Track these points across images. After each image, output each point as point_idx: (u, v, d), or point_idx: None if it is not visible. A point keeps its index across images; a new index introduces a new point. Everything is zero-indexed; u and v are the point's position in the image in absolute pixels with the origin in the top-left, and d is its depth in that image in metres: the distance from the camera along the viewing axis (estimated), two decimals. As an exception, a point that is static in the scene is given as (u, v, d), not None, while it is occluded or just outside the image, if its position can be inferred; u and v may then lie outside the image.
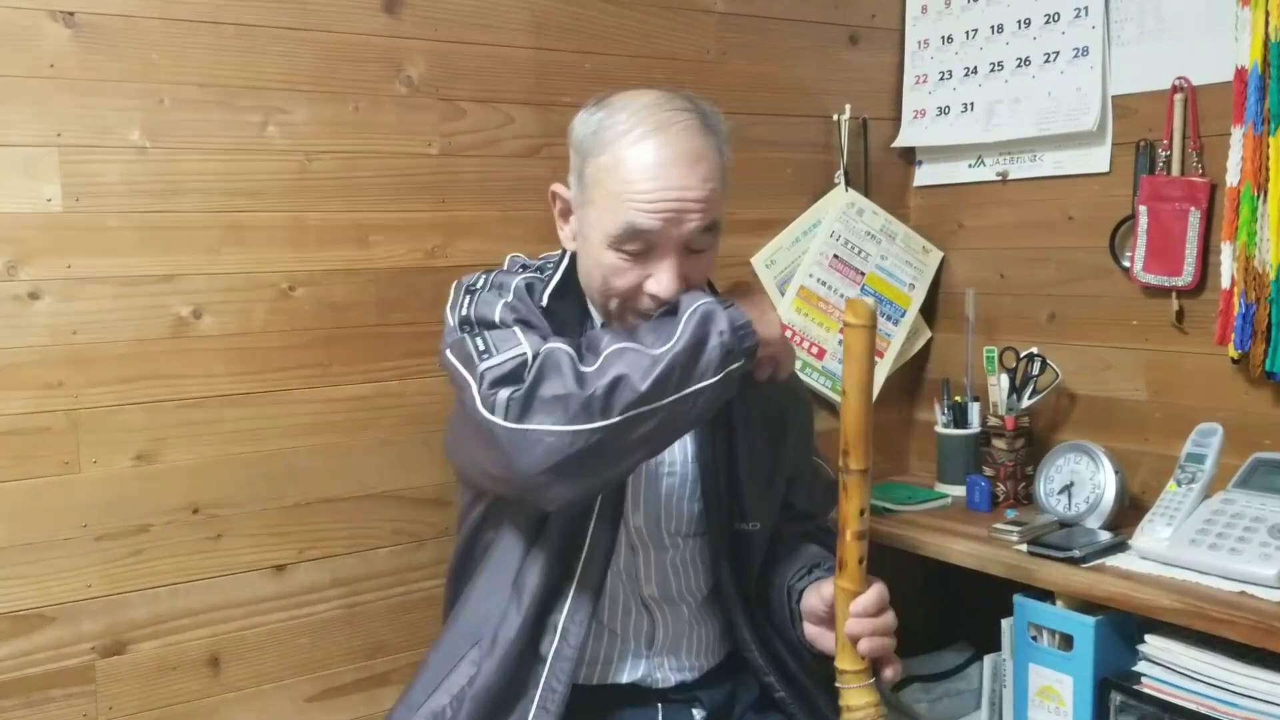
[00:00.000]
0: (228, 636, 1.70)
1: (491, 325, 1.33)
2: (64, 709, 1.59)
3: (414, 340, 1.80)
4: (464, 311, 1.37)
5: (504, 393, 1.24)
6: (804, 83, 2.19)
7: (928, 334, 2.31)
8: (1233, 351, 1.77)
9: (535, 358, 1.25)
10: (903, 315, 2.24)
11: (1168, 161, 1.88)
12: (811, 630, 1.39)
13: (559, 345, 1.26)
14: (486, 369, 1.27)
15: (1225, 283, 1.78)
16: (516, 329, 1.31)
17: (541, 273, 1.45)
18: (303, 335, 1.72)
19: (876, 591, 1.29)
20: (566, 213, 1.40)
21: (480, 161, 1.85)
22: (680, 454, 1.44)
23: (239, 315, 1.67)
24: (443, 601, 1.60)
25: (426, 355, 1.81)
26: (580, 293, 1.42)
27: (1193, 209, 1.84)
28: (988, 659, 1.81)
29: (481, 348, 1.30)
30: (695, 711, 1.47)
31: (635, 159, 1.28)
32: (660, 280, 1.30)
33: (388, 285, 1.79)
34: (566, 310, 1.39)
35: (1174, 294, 1.89)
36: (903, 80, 2.31)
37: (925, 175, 2.32)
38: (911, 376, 2.33)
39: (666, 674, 1.46)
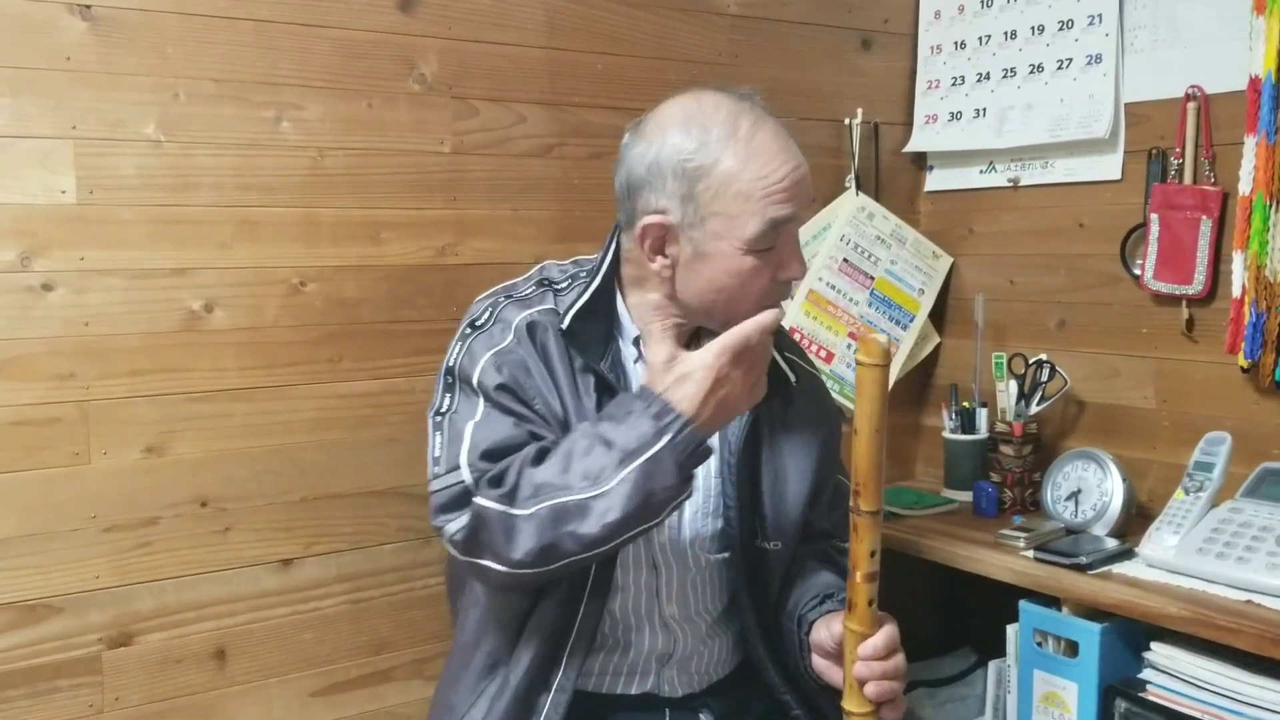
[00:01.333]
0: (233, 630, 1.70)
1: (467, 388, 1.35)
2: (70, 699, 1.59)
3: (423, 338, 1.80)
4: (452, 359, 1.39)
5: (449, 526, 1.31)
6: (816, 86, 2.19)
7: (936, 339, 2.31)
8: (1242, 360, 1.77)
9: (473, 510, 1.27)
10: (912, 320, 2.24)
11: (1180, 170, 1.88)
12: (820, 663, 1.37)
13: (490, 504, 1.25)
14: (432, 489, 1.34)
15: (1236, 292, 1.77)
16: (468, 427, 1.32)
17: (572, 284, 1.42)
18: (313, 331, 1.73)
19: (886, 635, 1.26)
20: (662, 244, 1.34)
21: (492, 160, 1.86)
22: (702, 470, 1.39)
23: (250, 310, 1.68)
24: (446, 600, 1.61)
25: (435, 353, 1.80)
26: (611, 312, 1.41)
27: (1204, 218, 1.84)
28: (992, 665, 1.80)
29: (436, 452, 1.35)
30: (702, 717, 1.46)
31: (756, 156, 1.30)
32: (794, 266, 1.35)
33: (398, 282, 1.79)
34: (591, 331, 1.37)
35: (1184, 302, 1.88)
36: (915, 85, 2.31)
37: (936, 180, 2.32)
38: (920, 382, 2.33)
39: (675, 687, 1.45)
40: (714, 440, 1.39)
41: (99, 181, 1.56)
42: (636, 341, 1.41)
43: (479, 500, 1.27)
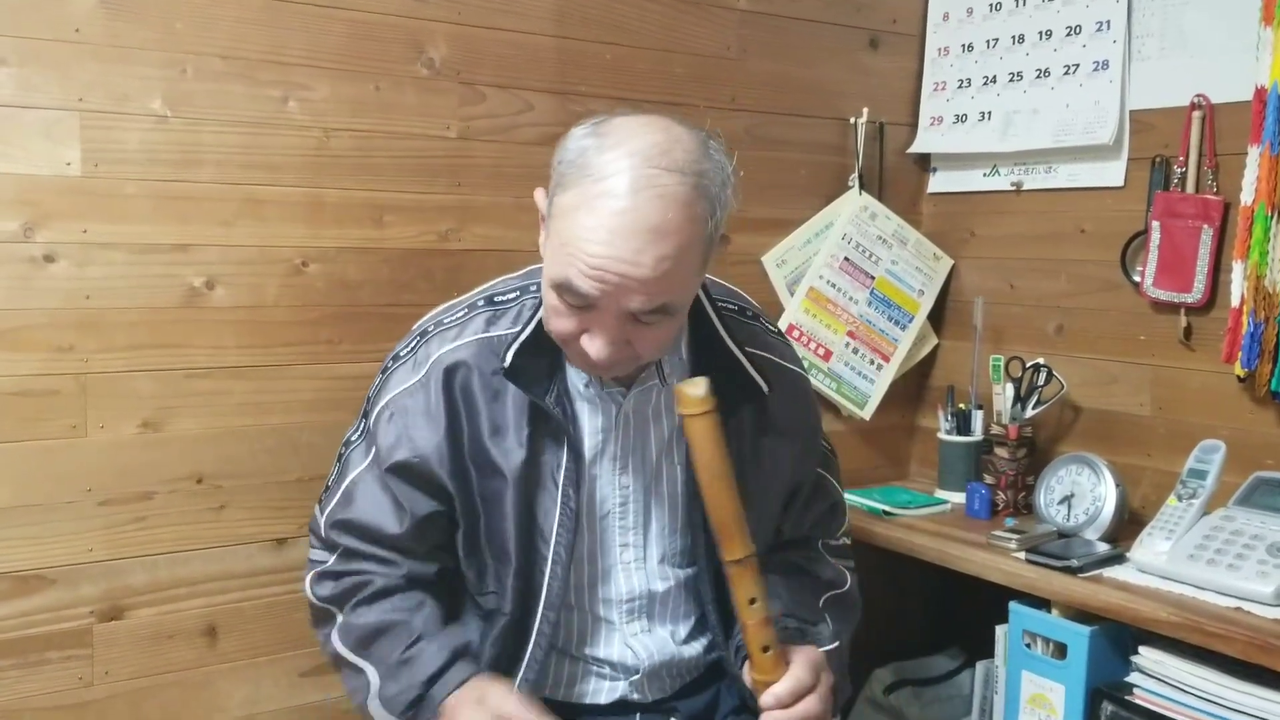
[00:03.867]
0: (225, 607, 1.71)
1: (368, 428, 1.36)
2: (60, 670, 1.60)
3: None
4: (372, 389, 1.39)
5: (310, 551, 1.41)
6: (822, 84, 2.20)
7: (934, 340, 2.32)
8: (1239, 370, 1.78)
9: (312, 573, 1.38)
10: (910, 321, 2.24)
11: (1183, 178, 1.88)
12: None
13: (314, 600, 1.37)
14: (315, 508, 1.42)
15: (1235, 301, 1.78)
16: (349, 482, 1.35)
17: (520, 298, 1.33)
18: (313, 311, 1.73)
19: (788, 683, 1.21)
20: (543, 223, 1.26)
21: (497, 147, 1.86)
22: (669, 486, 1.37)
23: (251, 288, 1.68)
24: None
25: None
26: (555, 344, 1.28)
27: (1205, 226, 1.84)
28: (980, 665, 1.81)
29: (330, 481, 1.41)
30: (674, 718, 1.43)
31: (594, 215, 1.12)
32: (594, 344, 1.17)
33: (400, 266, 1.79)
34: (535, 365, 1.28)
35: (1183, 310, 1.89)
36: (921, 86, 2.31)
37: (939, 182, 2.33)
38: (916, 383, 2.34)
39: (646, 693, 1.41)
40: (678, 456, 1.36)
41: (104, 154, 1.56)
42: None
43: (308, 585, 1.38)
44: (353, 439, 1.40)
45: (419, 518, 1.31)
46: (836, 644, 1.39)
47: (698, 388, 1.15)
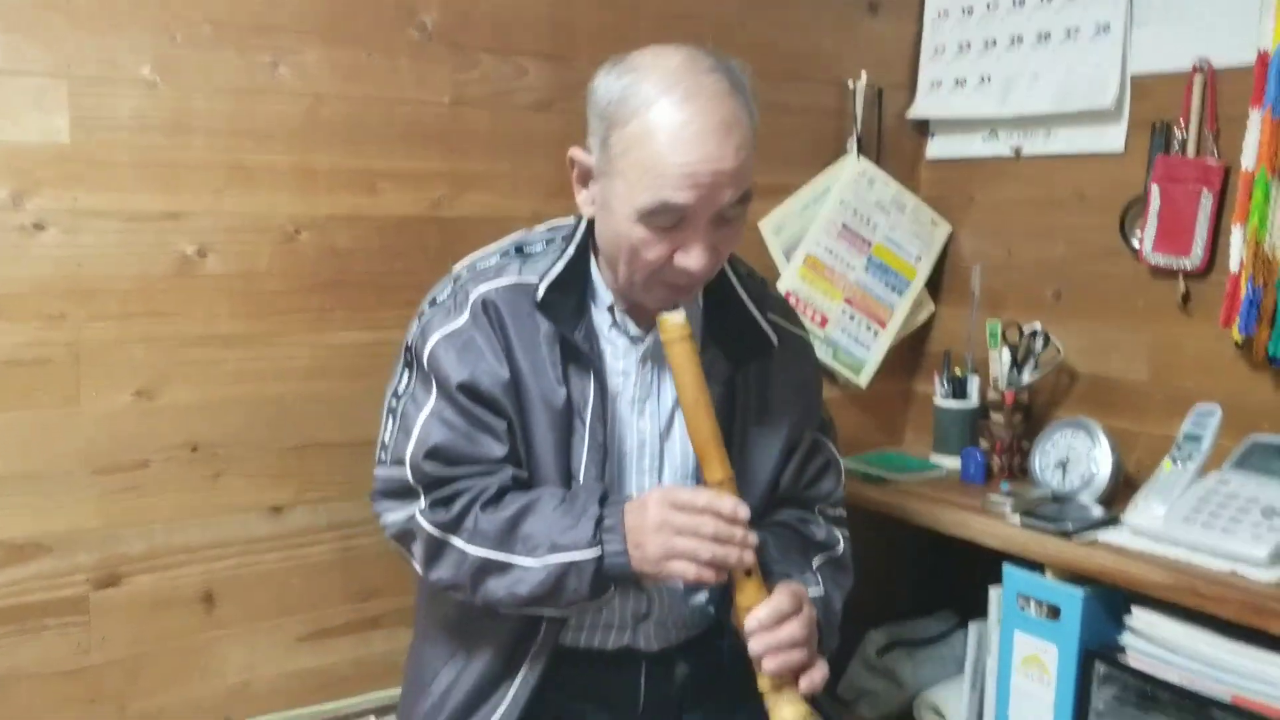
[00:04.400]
0: (222, 574, 1.71)
1: (420, 370, 1.36)
2: (58, 637, 1.60)
3: (416, 290, 1.76)
4: (410, 337, 1.39)
5: (386, 515, 1.37)
6: (821, 48, 2.18)
7: (931, 307, 2.31)
8: (1236, 335, 1.77)
9: (413, 522, 1.33)
10: (908, 287, 2.24)
11: (1183, 143, 1.87)
12: None
13: (428, 527, 1.31)
14: (377, 475, 1.38)
15: (1234, 266, 1.77)
16: (418, 422, 1.33)
17: (547, 249, 1.40)
18: (306, 279, 1.73)
19: (771, 605, 1.25)
20: (586, 178, 1.34)
21: (492, 114, 1.85)
22: (680, 441, 1.41)
23: (243, 256, 1.68)
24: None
25: (430, 305, 1.82)
26: (585, 280, 1.38)
27: (1205, 190, 1.83)
28: (973, 626, 1.81)
29: (386, 439, 1.38)
30: (679, 671, 1.47)
31: (666, 131, 1.21)
32: (692, 254, 1.25)
33: (393, 234, 1.79)
34: (565, 301, 1.35)
35: (1181, 276, 1.88)
36: (920, 50, 2.29)
37: (938, 148, 2.31)
38: (913, 349, 2.33)
39: (651, 641, 1.45)
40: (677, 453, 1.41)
41: (94, 122, 1.55)
42: (611, 309, 1.39)
43: (419, 519, 1.32)
44: (400, 390, 1.39)
45: (498, 431, 1.33)
46: (823, 593, 1.40)
47: (677, 315, 1.25)
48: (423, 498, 1.33)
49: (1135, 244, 1.95)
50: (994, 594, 1.74)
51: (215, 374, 1.68)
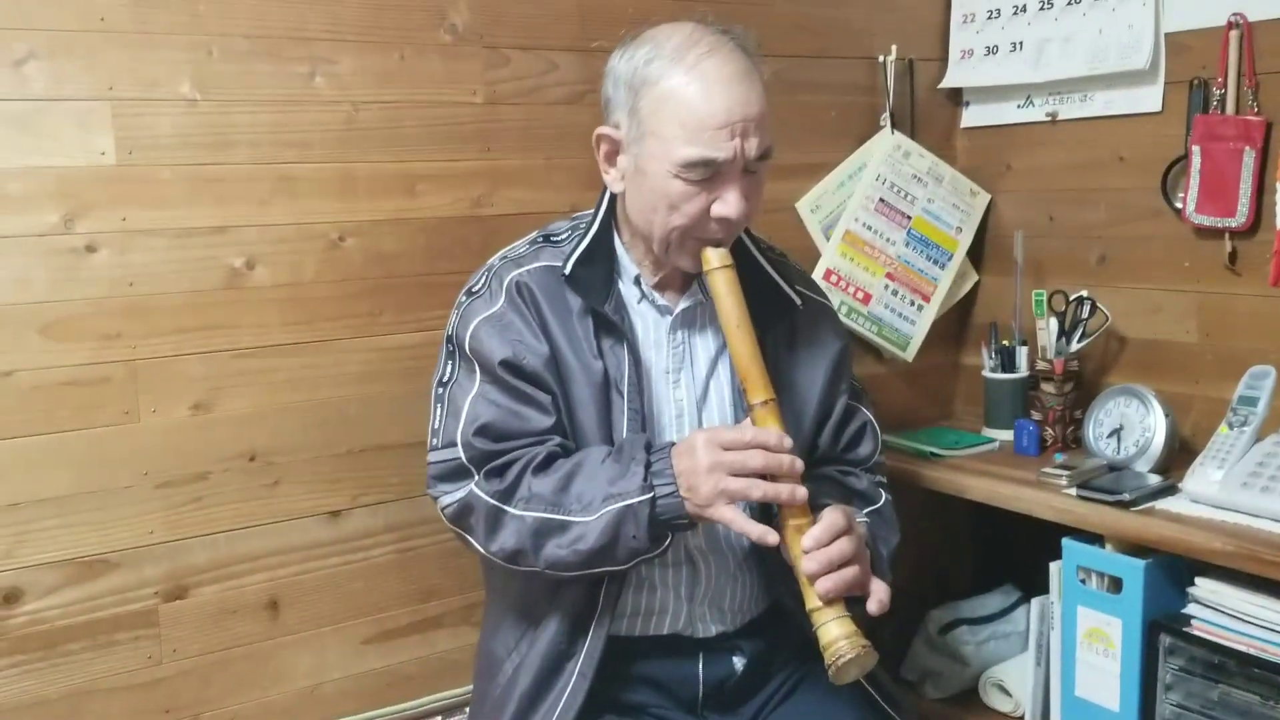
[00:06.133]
0: (285, 581, 1.74)
1: (463, 357, 1.40)
2: (130, 651, 1.64)
3: (461, 289, 1.80)
4: (450, 328, 1.44)
5: (444, 498, 1.40)
6: (849, 23, 2.16)
7: (975, 277, 2.29)
8: (1287, 293, 1.75)
9: (469, 495, 1.36)
10: (949, 259, 2.22)
11: (1222, 100, 1.84)
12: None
13: (484, 497, 1.34)
14: (430, 460, 1.41)
15: (1280, 223, 1.75)
16: (466, 403, 1.37)
17: (572, 234, 1.46)
18: (353, 285, 1.74)
19: (823, 522, 1.26)
20: (614, 154, 1.40)
21: (524, 109, 1.85)
22: (717, 403, 1.44)
23: (290, 266, 1.69)
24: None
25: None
26: (610, 256, 1.43)
27: (1247, 148, 1.81)
28: (1035, 601, 1.81)
29: (435, 424, 1.42)
30: (736, 659, 1.47)
31: (697, 80, 1.29)
32: (728, 201, 1.31)
33: (435, 234, 1.80)
34: (593, 275, 1.40)
35: (1227, 235, 1.86)
36: (950, 19, 2.27)
37: (973, 116, 2.29)
38: (958, 321, 2.32)
39: (708, 625, 1.46)
40: (723, 372, 1.44)
41: (137, 141, 1.57)
42: (637, 280, 1.44)
43: (475, 489, 1.35)
44: (445, 378, 1.44)
45: (543, 404, 1.37)
46: (869, 522, 1.42)
47: (718, 248, 1.33)
48: (476, 473, 1.36)
49: (1178, 204, 1.93)
50: (1054, 568, 1.74)
51: (269, 383, 1.70)
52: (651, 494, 1.27)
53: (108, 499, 1.60)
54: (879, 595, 1.29)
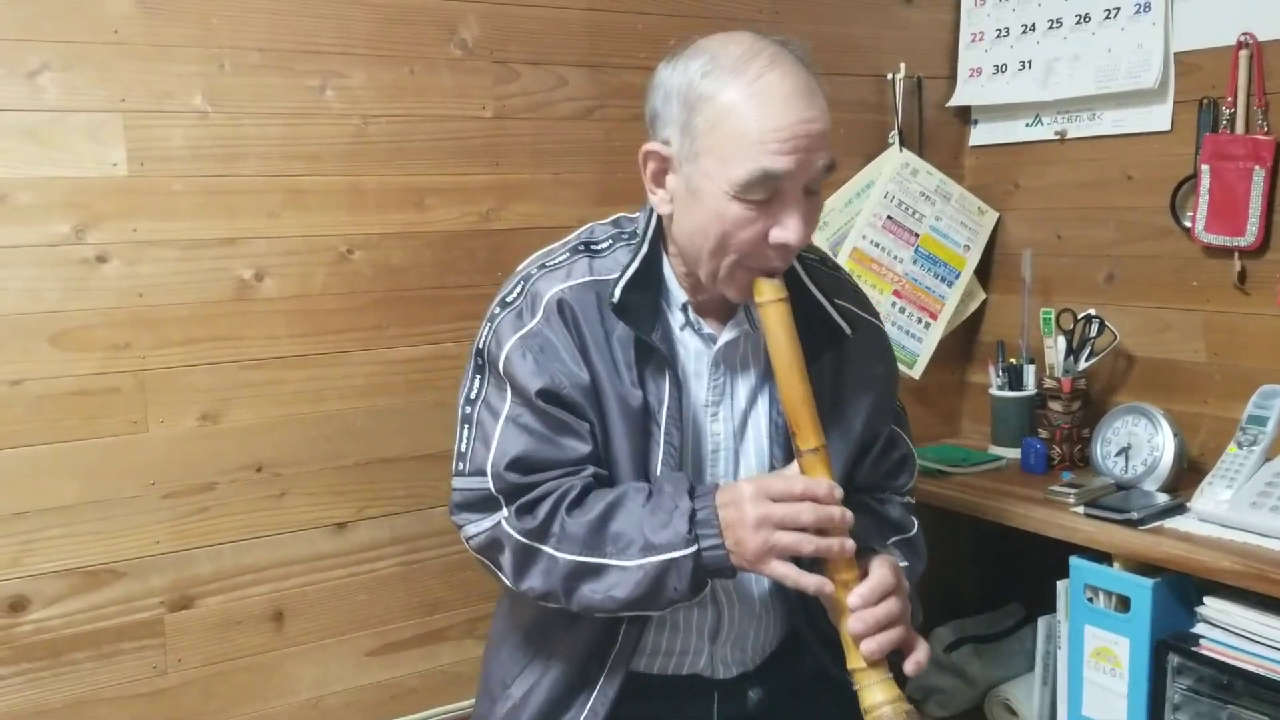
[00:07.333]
0: (290, 592, 1.74)
1: (495, 375, 1.31)
2: (135, 660, 1.64)
3: (469, 303, 1.82)
4: (481, 340, 1.34)
5: (469, 527, 1.31)
6: (858, 41, 2.17)
7: (982, 296, 2.29)
8: (1296, 312, 1.75)
9: (499, 531, 1.27)
10: (957, 277, 2.22)
11: (1231, 119, 1.85)
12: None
13: (516, 536, 1.26)
14: (455, 486, 1.32)
15: (1290, 242, 1.75)
16: (496, 431, 1.29)
17: (613, 245, 1.35)
18: (361, 298, 1.75)
19: (871, 581, 1.20)
20: (662, 173, 1.28)
21: (534, 124, 1.86)
22: (754, 437, 1.37)
23: (299, 278, 1.70)
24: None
25: (481, 318, 1.82)
26: (659, 281, 1.33)
27: (1257, 167, 1.81)
28: (1042, 620, 1.80)
29: (462, 447, 1.32)
30: (751, 693, 1.42)
31: (757, 97, 1.18)
32: (789, 226, 1.21)
33: (443, 248, 1.80)
34: (641, 302, 1.30)
35: (1236, 254, 1.86)
36: (959, 38, 2.28)
37: (981, 135, 2.29)
38: (965, 339, 2.32)
39: (729, 666, 1.40)
40: (763, 406, 1.36)
41: (149, 153, 1.58)
42: (685, 308, 1.34)
43: (505, 526, 1.27)
44: (473, 395, 1.34)
45: (580, 432, 1.29)
46: (907, 564, 1.36)
47: (773, 279, 1.23)
48: (505, 506, 1.28)
49: (1187, 224, 1.93)
50: (1061, 587, 1.73)
51: (276, 395, 1.70)
52: (696, 547, 1.19)
53: (114, 509, 1.61)
54: (918, 657, 1.23)
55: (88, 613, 1.60)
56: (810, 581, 1.19)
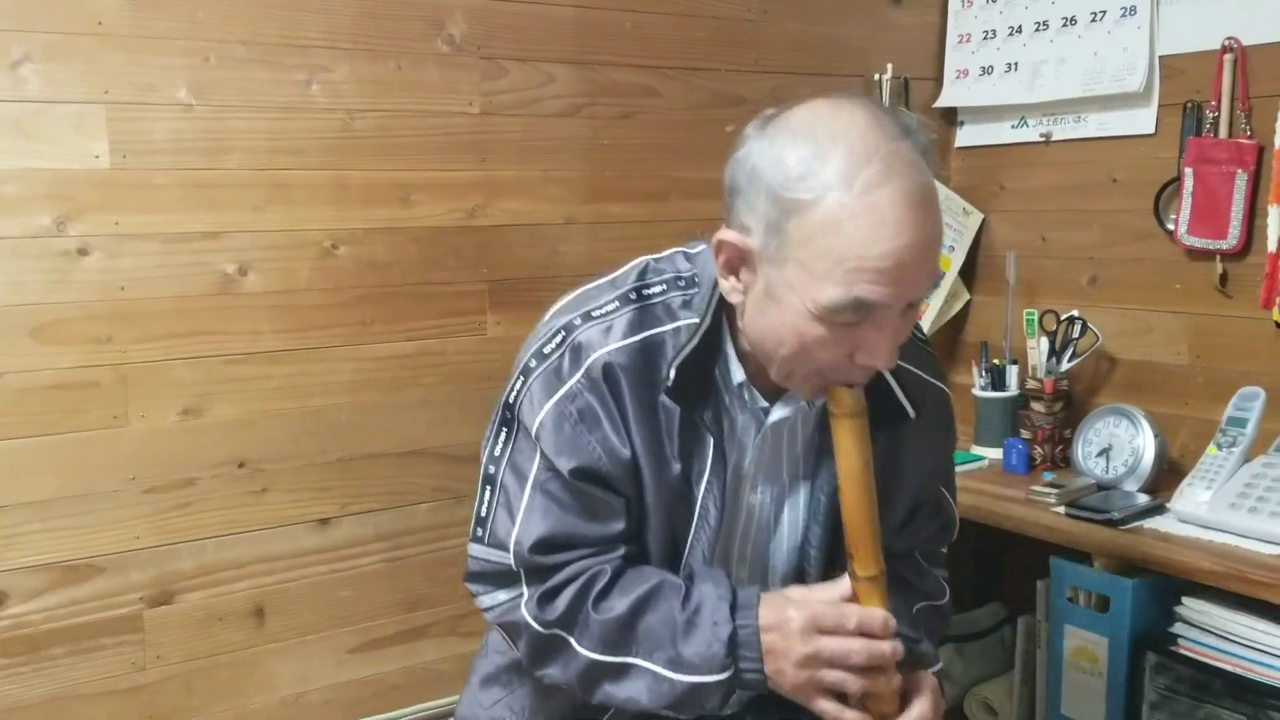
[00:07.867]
0: (272, 588, 1.73)
1: (525, 436, 1.19)
2: (113, 656, 1.63)
3: (454, 299, 1.81)
4: (512, 395, 1.20)
5: (483, 599, 1.21)
6: (846, 42, 2.17)
7: (966, 296, 2.30)
8: (1277, 315, 1.76)
9: (510, 602, 1.18)
10: (941, 278, 2.23)
11: (1215, 123, 1.86)
12: None
13: (538, 628, 1.16)
14: (472, 553, 1.22)
15: (1271, 246, 1.76)
16: (522, 503, 1.17)
17: (666, 292, 1.21)
18: (345, 293, 1.74)
19: (914, 713, 1.15)
20: (737, 263, 1.11)
21: (521, 121, 1.86)
22: (788, 515, 1.28)
23: (283, 273, 1.69)
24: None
25: (466, 315, 1.83)
26: (717, 355, 1.19)
27: (1240, 171, 1.82)
28: (1022, 620, 1.81)
29: (483, 512, 1.21)
30: None
31: (866, 213, 1.01)
32: (877, 353, 1.07)
33: (428, 244, 1.80)
34: (695, 379, 1.17)
35: (1218, 257, 1.87)
36: (945, 39, 2.28)
37: (967, 136, 2.30)
38: (949, 339, 2.33)
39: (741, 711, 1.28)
40: (805, 482, 1.26)
41: (132, 146, 1.57)
42: (740, 387, 1.20)
43: (524, 613, 1.17)
44: (498, 453, 1.22)
45: (615, 508, 1.19)
46: (940, 664, 1.30)
47: (855, 390, 1.10)
48: (526, 588, 1.18)
49: (1170, 226, 1.94)
50: (1041, 587, 1.74)
51: (259, 390, 1.69)
52: (732, 671, 1.11)
53: (94, 503, 1.60)
54: None
55: (67, 608, 1.59)
56: (850, 718, 1.12)
